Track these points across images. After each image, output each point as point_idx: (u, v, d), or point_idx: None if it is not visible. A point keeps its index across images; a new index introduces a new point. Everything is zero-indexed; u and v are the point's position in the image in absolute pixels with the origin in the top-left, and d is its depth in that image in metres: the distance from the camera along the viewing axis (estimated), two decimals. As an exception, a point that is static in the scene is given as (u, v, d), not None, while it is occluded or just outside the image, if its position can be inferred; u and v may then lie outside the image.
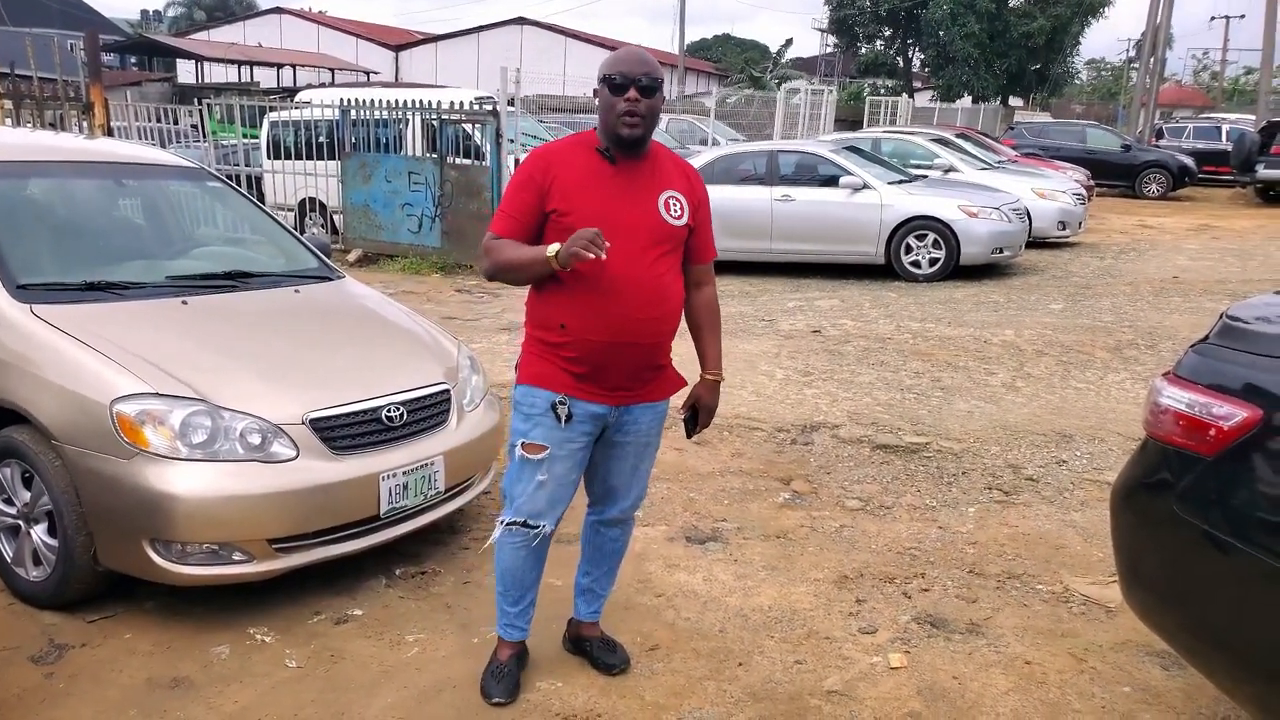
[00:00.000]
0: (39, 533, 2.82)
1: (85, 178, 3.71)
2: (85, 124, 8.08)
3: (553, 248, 2.10)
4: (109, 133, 8.16)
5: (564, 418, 2.24)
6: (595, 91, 2.22)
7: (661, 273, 2.24)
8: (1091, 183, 14.37)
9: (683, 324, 2.39)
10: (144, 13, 53.75)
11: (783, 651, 2.73)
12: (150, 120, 11.09)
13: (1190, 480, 1.97)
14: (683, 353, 2.43)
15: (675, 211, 2.27)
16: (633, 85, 2.15)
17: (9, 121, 7.56)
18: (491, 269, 2.25)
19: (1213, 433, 1.92)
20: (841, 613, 2.95)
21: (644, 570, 3.20)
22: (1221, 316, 2.11)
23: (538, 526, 2.34)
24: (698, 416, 2.45)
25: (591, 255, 2.03)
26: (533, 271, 2.20)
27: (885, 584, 3.14)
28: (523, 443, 2.29)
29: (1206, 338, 2.10)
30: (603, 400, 2.27)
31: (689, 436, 2.51)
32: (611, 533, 2.55)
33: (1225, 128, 21.64)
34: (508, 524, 2.36)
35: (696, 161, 9.69)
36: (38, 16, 28.71)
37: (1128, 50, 43.92)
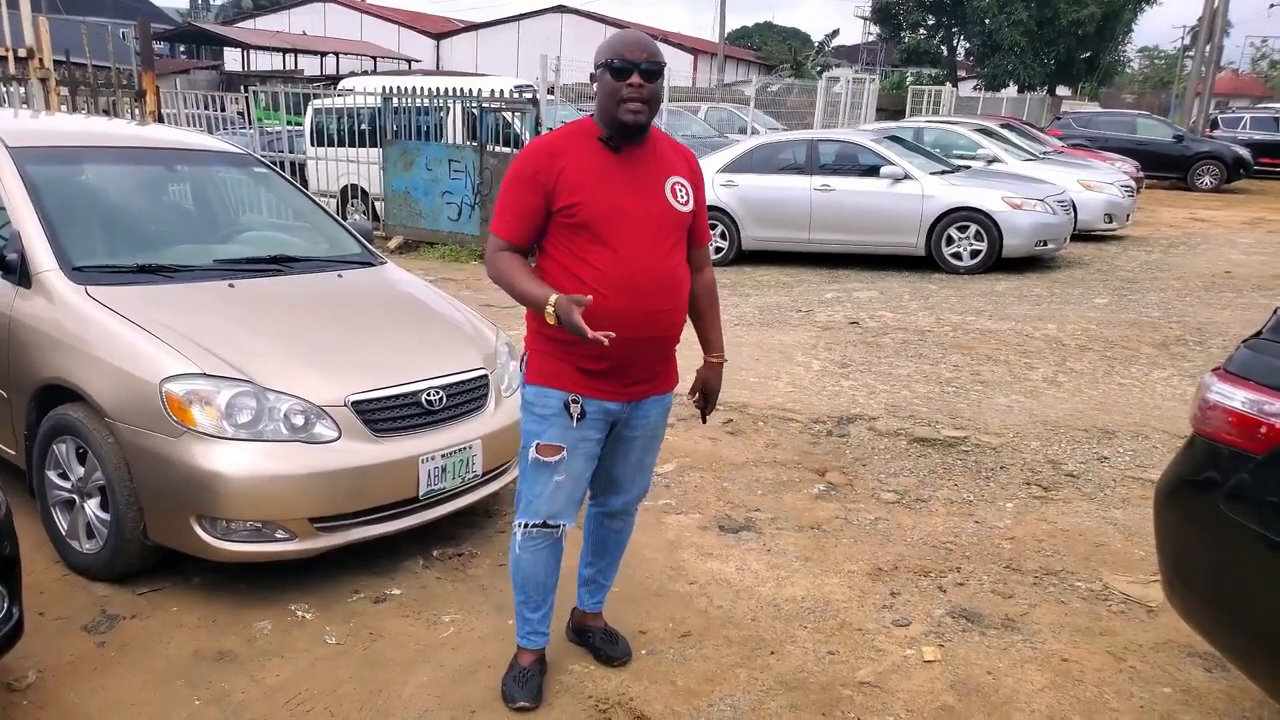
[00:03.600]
0: (92, 507, 2.91)
1: (137, 163, 3.81)
2: (137, 110, 8.28)
3: (552, 300, 2.03)
4: (159, 119, 8.35)
5: (577, 416, 2.20)
6: (593, 76, 2.14)
7: (675, 264, 2.20)
8: (1141, 174, 14.01)
9: None
10: (193, 1, 54.80)
11: (815, 642, 2.73)
12: (198, 107, 11.32)
13: (1239, 479, 1.93)
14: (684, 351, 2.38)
15: (682, 198, 2.21)
16: (635, 70, 2.07)
17: (65, 108, 7.76)
18: (496, 282, 2.20)
19: (1264, 430, 1.88)
20: (875, 605, 2.94)
21: (676, 558, 3.22)
22: (1276, 311, 2.06)
23: (558, 526, 2.32)
24: (707, 399, 2.45)
25: (597, 342, 1.98)
26: (530, 307, 2.16)
27: (920, 577, 3.12)
28: (537, 445, 2.24)
29: (1260, 333, 2.06)
30: (616, 397, 2.23)
31: (704, 420, 2.52)
32: (614, 524, 2.52)
33: (1284, 118, 20.91)
34: (529, 527, 2.31)
35: (734, 150, 9.65)
36: (91, 5, 29.38)
37: (1182, 38, 42.62)
